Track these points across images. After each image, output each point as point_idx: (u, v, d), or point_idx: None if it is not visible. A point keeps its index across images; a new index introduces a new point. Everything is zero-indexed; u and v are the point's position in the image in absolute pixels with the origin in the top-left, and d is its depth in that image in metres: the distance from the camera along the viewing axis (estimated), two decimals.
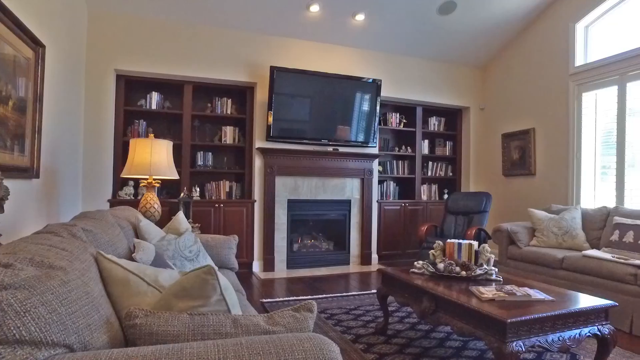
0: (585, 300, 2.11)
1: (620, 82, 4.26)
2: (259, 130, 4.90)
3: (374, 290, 4.01)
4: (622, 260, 3.15)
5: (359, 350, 2.51)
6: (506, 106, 5.79)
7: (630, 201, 4.16)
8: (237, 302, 1.19)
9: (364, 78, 5.18)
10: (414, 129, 5.96)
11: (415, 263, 2.74)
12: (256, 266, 4.90)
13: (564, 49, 4.89)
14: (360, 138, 5.24)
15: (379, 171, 5.73)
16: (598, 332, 2.04)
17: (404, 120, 5.98)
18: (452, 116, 6.40)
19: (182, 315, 0.99)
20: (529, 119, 5.39)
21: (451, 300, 2.12)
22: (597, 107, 4.55)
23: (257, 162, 4.91)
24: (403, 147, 6.07)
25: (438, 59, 5.89)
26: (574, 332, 1.96)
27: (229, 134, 5.04)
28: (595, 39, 4.65)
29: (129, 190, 4.51)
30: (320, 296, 3.79)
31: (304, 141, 4.98)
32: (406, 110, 6.05)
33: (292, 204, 5.04)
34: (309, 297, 3.77)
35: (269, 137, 4.80)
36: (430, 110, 6.23)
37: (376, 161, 5.49)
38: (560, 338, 1.91)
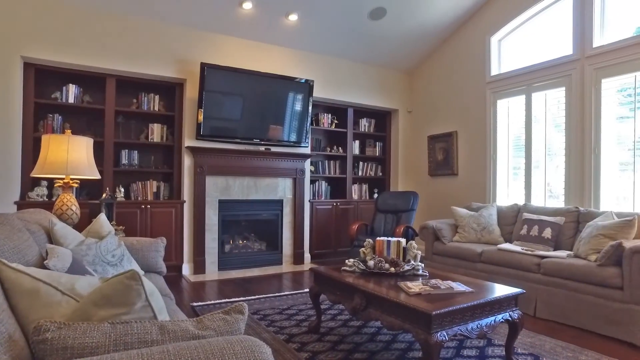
0: (500, 290, 2.31)
1: (527, 92, 4.72)
2: (188, 128, 4.71)
3: (307, 290, 4.04)
4: (529, 252, 3.50)
5: (293, 350, 2.51)
6: (432, 110, 6.14)
7: (536, 199, 4.62)
8: (164, 307, 1.14)
9: (296, 78, 5.19)
10: (345, 130, 6.11)
11: (347, 261, 2.81)
12: (186, 269, 4.71)
13: (481, 59, 5.31)
14: (293, 138, 5.26)
15: (311, 171, 5.79)
16: (509, 318, 2.24)
17: (336, 121, 6.11)
18: (382, 118, 6.65)
19: (103, 324, 0.92)
20: (452, 123, 5.77)
21: (381, 296, 2.20)
22: (509, 113, 5.00)
23: (187, 162, 4.72)
24: (334, 147, 6.19)
25: (369, 62, 6.09)
26: (490, 319, 2.14)
27: (156, 132, 4.79)
28: (507, 52, 5.11)
29: (41, 191, 4.10)
30: (252, 297, 3.74)
31: (236, 140, 4.88)
32: (338, 111, 6.18)
33: (223, 204, 4.92)
34: (241, 298, 3.70)
35: (199, 136, 4.64)
36: (361, 112, 6.42)
37: (308, 161, 5.54)
38: (479, 325, 2.08)
